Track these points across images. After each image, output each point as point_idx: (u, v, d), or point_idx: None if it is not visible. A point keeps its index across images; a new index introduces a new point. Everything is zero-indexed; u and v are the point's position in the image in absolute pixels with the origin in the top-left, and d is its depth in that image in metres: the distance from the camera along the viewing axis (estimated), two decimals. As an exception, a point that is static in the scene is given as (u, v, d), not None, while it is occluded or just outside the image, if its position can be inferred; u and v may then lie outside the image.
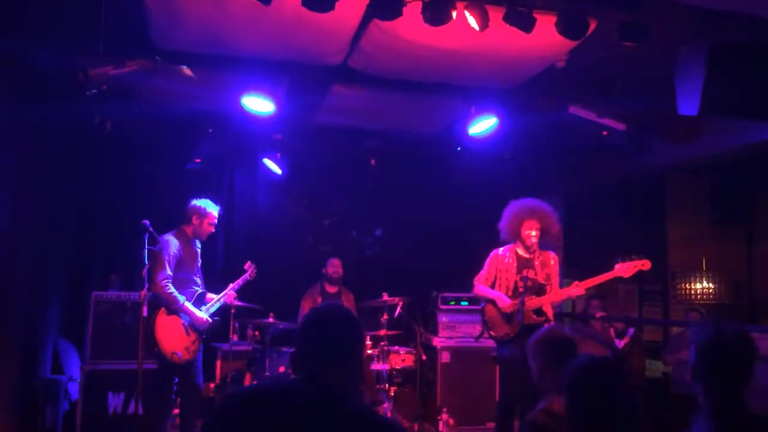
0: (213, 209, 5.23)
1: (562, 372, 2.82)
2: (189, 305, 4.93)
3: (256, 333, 6.26)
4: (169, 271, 4.87)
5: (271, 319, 6.03)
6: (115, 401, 5.68)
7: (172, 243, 5.01)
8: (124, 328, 5.73)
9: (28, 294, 5.68)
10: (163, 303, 4.87)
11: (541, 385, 3.10)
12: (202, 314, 5.00)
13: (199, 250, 5.26)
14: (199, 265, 5.25)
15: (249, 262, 5.66)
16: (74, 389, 6.05)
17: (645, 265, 5.17)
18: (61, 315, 6.64)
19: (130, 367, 5.34)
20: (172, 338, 4.85)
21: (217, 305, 5.24)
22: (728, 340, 2.29)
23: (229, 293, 5.34)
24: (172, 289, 4.84)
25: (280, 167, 7.35)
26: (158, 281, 4.84)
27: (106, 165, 7.09)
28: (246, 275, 5.55)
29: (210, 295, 5.31)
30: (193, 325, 4.95)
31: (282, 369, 5.95)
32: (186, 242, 5.11)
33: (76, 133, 6.46)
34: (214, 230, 5.28)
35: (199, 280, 5.17)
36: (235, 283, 5.41)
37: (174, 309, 4.87)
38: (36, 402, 5.60)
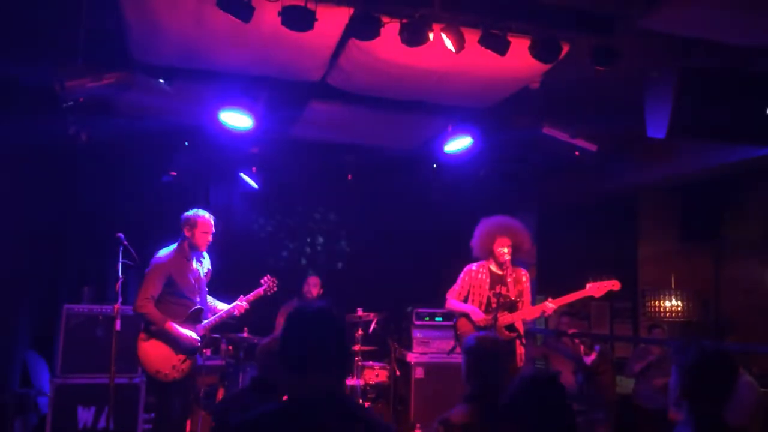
0: (203, 216, 4.97)
1: (477, 381, 3.01)
2: (173, 326, 4.70)
3: (230, 348, 6.23)
4: (151, 292, 4.68)
5: (245, 334, 6.01)
6: (85, 416, 5.61)
7: (163, 260, 4.83)
8: (96, 342, 5.67)
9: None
10: (144, 323, 4.74)
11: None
12: (189, 333, 4.77)
13: (200, 265, 5.05)
14: (201, 279, 5.02)
15: (267, 276, 5.46)
16: (44, 403, 5.96)
17: (615, 285, 5.30)
18: (31, 327, 6.56)
19: (101, 381, 5.30)
20: (157, 357, 4.67)
21: (217, 319, 5.05)
22: (713, 362, 2.40)
23: (238, 305, 5.11)
24: (149, 310, 4.65)
25: (256, 181, 7.36)
26: (136, 302, 4.69)
27: (81, 177, 7.04)
28: (260, 289, 5.33)
29: (220, 305, 5.16)
30: (180, 344, 4.75)
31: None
32: (183, 258, 4.91)
33: (50, 144, 6.41)
34: (211, 238, 5.03)
35: (197, 297, 4.95)
36: (247, 296, 5.20)
37: (154, 330, 4.69)
38: (4, 416, 5.53)
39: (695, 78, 4.60)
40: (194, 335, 4.81)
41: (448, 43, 4.02)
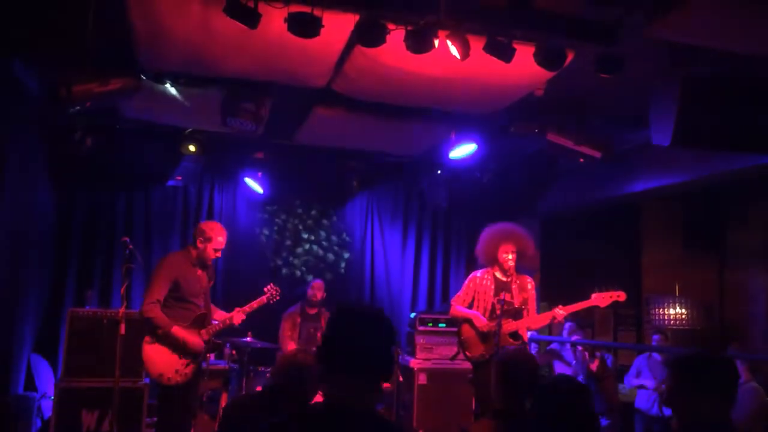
0: (220, 234, 4.96)
1: (509, 394, 2.93)
2: (179, 330, 4.70)
3: (234, 352, 6.23)
4: (157, 295, 4.68)
5: (249, 338, 6.02)
6: (88, 419, 5.60)
7: (170, 263, 4.83)
8: (100, 345, 5.68)
9: (2, 309, 5.63)
10: (149, 326, 4.73)
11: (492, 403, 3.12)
12: (195, 337, 4.77)
13: (206, 272, 5.04)
14: (206, 286, 5.02)
15: (270, 285, 5.47)
16: (47, 406, 5.98)
17: (620, 296, 5.32)
18: (35, 331, 6.58)
19: (105, 384, 5.31)
20: (161, 360, 4.67)
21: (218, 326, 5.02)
22: (712, 367, 2.39)
23: (236, 314, 5.09)
24: (156, 314, 4.64)
25: (261, 186, 7.38)
26: (143, 305, 4.69)
27: (86, 181, 7.07)
28: (263, 298, 5.33)
29: (220, 313, 5.17)
30: (185, 348, 4.75)
31: (259, 389, 5.90)
32: (190, 264, 4.91)
33: (56, 149, 6.46)
34: (220, 255, 5.02)
35: (202, 303, 4.94)
36: (244, 307, 5.18)
37: (160, 334, 4.68)
38: (8, 419, 5.53)
39: (699, 86, 4.60)
40: (199, 341, 4.81)
41: (454, 50, 4.03)
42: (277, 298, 5.48)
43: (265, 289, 5.44)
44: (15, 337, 6.00)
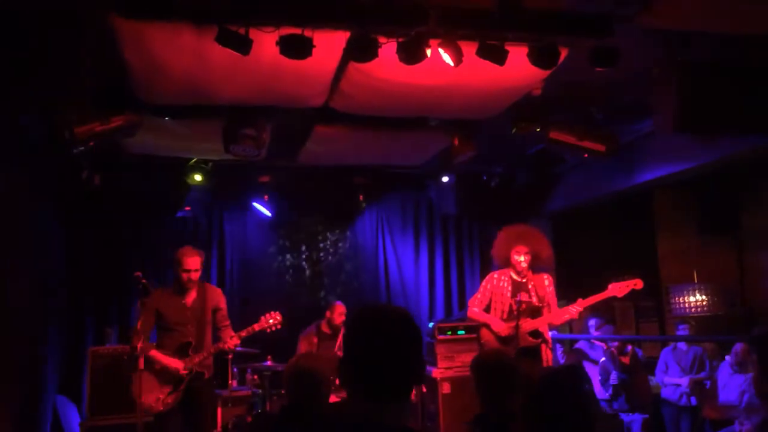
0: (183, 255, 5.03)
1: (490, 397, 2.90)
2: (156, 352, 4.84)
3: (255, 377, 6.23)
4: (139, 326, 4.70)
5: (269, 362, 6.01)
6: (115, 457, 5.63)
7: (152, 295, 4.88)
8: (122, 382, 5.68)
9: (27, 352, 5.66)
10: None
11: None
12: (174, 362, 4.87)
13: (201, 300, 5.09)
14: (198, 313, 5.06)
15: (270, 313, 5.32)
16: (75, 447, 5.99)
17: (637, 284, 5.27)
18: (59, 372, 6.61)
19: (130, 421, 5.31)
20: (143, 387, 4.66)
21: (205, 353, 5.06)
22: None
23: (229, 341, 5.09)
24: (133, 343, 4.63)
25: (269, 209, 7.40)
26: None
27: (97, 218, 7.12)
28: (255, 325, 5.22)
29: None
30: (164, 372, 4.85)
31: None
32: (173, 293, 5.05)
33: (65, 190, 6.52)
34: (193, 276, 5.04)
35: (191, 330, 5.00)
36: (244, 330, 5.15)
37: (144, 360, 4.69)
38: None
39: (698, 71, 4.58)
40: (178, 365, 4.89)
41: (446, 58, 4.03)
42: (278, 326, 5.32)
43: (262, 317, 5.29)
44: (40, 381, 6.03)
